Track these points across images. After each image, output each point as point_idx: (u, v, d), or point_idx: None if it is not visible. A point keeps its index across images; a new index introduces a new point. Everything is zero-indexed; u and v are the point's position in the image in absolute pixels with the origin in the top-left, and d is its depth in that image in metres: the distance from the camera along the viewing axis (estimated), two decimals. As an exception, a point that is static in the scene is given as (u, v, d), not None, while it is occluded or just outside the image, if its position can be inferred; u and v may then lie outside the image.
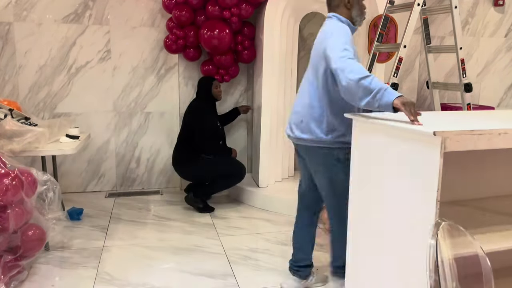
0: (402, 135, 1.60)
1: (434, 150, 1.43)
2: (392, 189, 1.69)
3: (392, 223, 1.71)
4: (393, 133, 1.66)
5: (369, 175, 1.83)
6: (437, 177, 1.42)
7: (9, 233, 2.37)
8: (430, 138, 1.44)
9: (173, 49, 3.91)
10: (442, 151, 1.41)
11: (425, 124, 1.57)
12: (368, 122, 1.81)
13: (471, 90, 3.24)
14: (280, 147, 4.10)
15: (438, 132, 1.40)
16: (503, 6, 4.84)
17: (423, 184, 1.50)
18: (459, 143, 1.43)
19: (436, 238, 1.29)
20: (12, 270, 2.39)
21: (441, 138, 1.40)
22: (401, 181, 1.63)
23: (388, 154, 1.69)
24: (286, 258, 2.88)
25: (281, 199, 3.76)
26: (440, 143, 1.40)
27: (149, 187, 4.34)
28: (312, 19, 4.28)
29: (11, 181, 2.30)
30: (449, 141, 1.41)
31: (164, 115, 4.25)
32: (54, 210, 2.61)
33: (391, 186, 1.69)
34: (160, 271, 2.69)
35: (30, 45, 3.87)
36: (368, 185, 1.85)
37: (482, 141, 1.47)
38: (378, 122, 1.73)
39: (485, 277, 1.25)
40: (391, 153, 1.67)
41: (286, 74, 3.99)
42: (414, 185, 1.55)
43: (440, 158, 1.41)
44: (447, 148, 1.41)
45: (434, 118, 1.86)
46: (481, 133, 1.46)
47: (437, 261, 1.27)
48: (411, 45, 4.49)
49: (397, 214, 1.67)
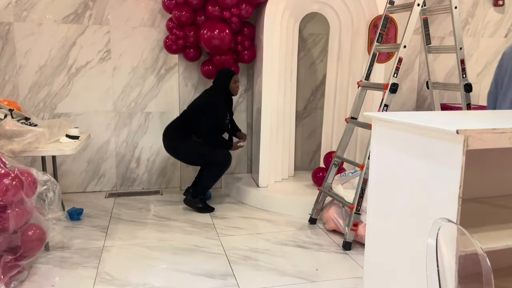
0: (425, 133, 1.64)
1: (456, 148, 1.47)
2: (413, 186, 1.72)
3: (411, 219, 1.74)
4: (415, 131, 1.70)
5: (389, 170, 1.87)
6: (460, 174, 1.46)
7: (9, 233, 2.38)
8: (453, 136, 1.47)
9: (173, 49, 3.91)
10: (465, 149, 1.45)
11: (447, 122, 1.61)
12: (389, 120, 1.85)
13: (471, 90, 3.24)
14: (280, 147, 4.10)
15: (461, 130, 1.44)
16: (503, 6, 4.84)
17: (445, 181, 1.54)
18: (481, 141, 1.47)
19: (436, 238, 1.29)
20: (12, 270, 2.39)
21: (464, 136, 1.44)
22: (422, 177, 1.66)
23: (410, 151, 1.73)
24: (286, 258, 2.88)
25: (281, 199, 3.76)
26: (462, 141, 1.44)
27: (149, 187, 4.35)
28: (312, 19, 4.28)
29: (11, 181, 2.30)
30: (472, 139, 1.45)
31: (164, 115, 4.25)
32: (54, 210, 2.61)
33: (412, 182, 1.73)
34: (160, 271, 2.69)
35: (30, 45, 3.87)
36: (387, 180, 1.88)
37: (504, 140, 1.51)
38: (400, 121, 1.78)
39: (485, 277, 1.25)
40: (413, 151, 1.71)
41: (286, 74, 4.00)
42: (436, 182, 1.59)
43: (462, 155, 1.45)
44: (469, 146, 1.45)
45: (454, 117, 1.89)
46: (503, 132, 1.50)
47: (437, 261, 1.27)
48: (411, 45, 4.49)
49: (418, 210, 1.70)
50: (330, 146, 4.15)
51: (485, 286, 1.24)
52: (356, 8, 3.80)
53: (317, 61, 4.45)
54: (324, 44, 4.37)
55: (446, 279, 1.34)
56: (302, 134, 4.56)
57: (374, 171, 1.96)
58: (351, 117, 3.34)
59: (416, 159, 1.69)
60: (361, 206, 3.01)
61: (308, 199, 3.61)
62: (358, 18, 3.80)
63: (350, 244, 3.03)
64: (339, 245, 3.10)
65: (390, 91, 3.00)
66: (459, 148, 1.46)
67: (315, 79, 4.48)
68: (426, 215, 1.64)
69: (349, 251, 3.01)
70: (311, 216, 3.49)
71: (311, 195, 3.66)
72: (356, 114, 3.33)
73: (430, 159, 1.62)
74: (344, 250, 3.02)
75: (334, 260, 2.89)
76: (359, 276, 2.66)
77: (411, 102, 4.69)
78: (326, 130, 4.19)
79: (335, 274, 2.69)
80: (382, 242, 1.96)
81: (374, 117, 1.94)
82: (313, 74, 4.47)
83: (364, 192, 2.99)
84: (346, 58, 3.94)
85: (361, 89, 3.31)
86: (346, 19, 3.88)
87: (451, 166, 1.50)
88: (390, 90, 2.99)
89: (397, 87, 3.01)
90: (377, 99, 3.68)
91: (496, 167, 2.08)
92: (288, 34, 3.92)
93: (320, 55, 4.43)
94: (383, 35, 3.32)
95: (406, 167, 1.75)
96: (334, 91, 4.07)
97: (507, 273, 2.04)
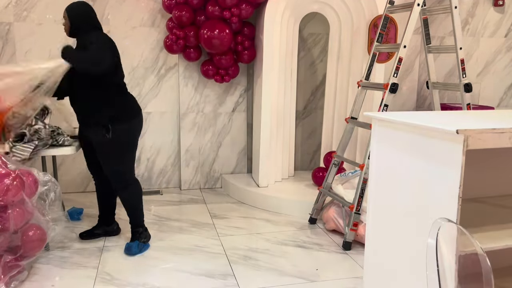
0: (425, 133, 1.65)
1: (456, 148, 1.48)
2: (413, 186, 1.73)
3: (411, 219, 1.75)
4: (415, 131, 1.71)
5: (389, 170, 1.87)
6: (460, 174, 1.47)
7: (9, 233, 2.38)
8: (453, 136, 1.48)
9: (173, 49, 3.91)
10: (465, 148, 1.46)
11: (447, 122, 1.62)
12: (389, 120, 1.86)
13: (471, 90, 3.24)
14: (280, 147, 4.10)
15: (461, 130, 1.44)
16: (503, 6, 4.84)
17: (445, 181, 1.55)
18: (481, 141, 1.48)
19: (436, 238, 1.29)
20: (12, 270, 2.40)
21: (463, 136, 1.45)
22: (422, 177, 1.67)
23: (410, 151, 1.75)
24: (286, 258, 2.89)
25: (281, 199, 3.76)
26: (462, 141, 1.45)
27: (149, 187, 4.34)
28: (312, 19, 4.28)
29: (11, 181, 2.30)
30: (472, 139, 1.46)
31: (164, 115, 4.25)
32: (54, 210, 2.62)
33: (412, 182, 1.74)
34: (160, 271, 2.69)
35: (30, 45, 3.87)
36: (388, 180, 1.89)
37: (504, 140, 1.52)
38: (400, 121, 1.78)
39: (485, 277, 1.25)
40: (413, 150, 1.72)
41: (286, 74, 4.00)
42: (436, 182, 1.60)
43: (462, 155, 1.46)
44: (469, 146, 1.46)
45: (454, 117, 1.90)
46: (503, 132, 1.51)
47: (437, 261, 1.28)
48: (411, 45, 4.49)
49: (418, 210, 1.71)
50: (330, 146, 4.15)
51: (485, 286, 1.25)
52: (356, 8, 3.80)
53: (317, 61, 4.45)
54: (324, 44, 4.37)
55: (446, 279, 1.34)
56: (302, 134, 4.56)
57: (374, 171, 1.97)
58: (351, 117, 3.34)
59: (416, 159, 1.70)
60: (361, 206, 3.01)
61: (308, 199, 3.61)
62: (358, 18, 3.80)
63: (350, 244, 3.04)
64: (339, 245, 3.10)
65: (390, 91, 3.00)
66: (459, 148, 1.47)
67: (315, 79, 4.48)
68: (426, 215, 1.64)
69: (349, 251, 3.01)
70: (311, 216, 3.49)
71: (311, 195, 3.66)
72: (356, 114, 3.33)
73: (430, 159, 1.62)
74: (344, 250, 3.02)
75: (334, 260, 2.89)
76: (359, 276, 2.66)
77: (411, 102, 4.69)
78: (326, 130, 4.19)
79: (335, 274, 2.69)
80: (382, 242, 1.97)
81: (374, 117, 1.94)
82: (313, 74, 4.47)
83: (364, 192, 3.00)
84: (346, 58, 3.94)
85: (361, 89, 3.31)
86: (346, 19, 3.88)
87: (451, 166, 1.50)
88: (390, 90, 3.00)
89: (397, 87, 3.02)
90: (377, 99, 3.68)
91: (496, 167, 2.09)
92: (288, 34, 3.92)
93: (320, 55, 4.43)
94: (383, 35, 3.32)
95: (406, 167, 1.76)
96: (334, 91, 4.07)
97: (507, 273, 2.04)
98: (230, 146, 4.39)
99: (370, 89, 3.33)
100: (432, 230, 1.34)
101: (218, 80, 4.01)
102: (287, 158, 4.23)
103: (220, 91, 4.25)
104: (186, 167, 4.29)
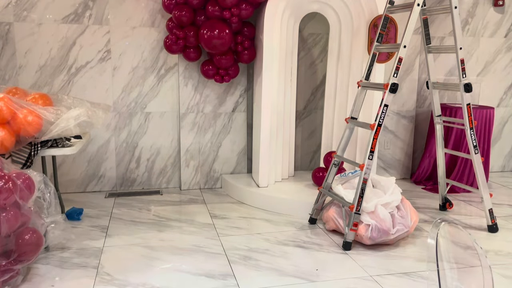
0: None
1: None
2: None
3: None
4: None
5: None
6: None
7: (1, 237, 2.33)
8: None
9: (173, 50, 3.91)
10: None
11: None
12: None
13: (471, 90, 3.25)
14: (280, 147, 4.10)
15: None
16: (503, 6, 4.85)
17: None
18: None
19: (436, 238, 1.30)
20: (5, 274, 2.35)
21: None
22: None
23: None
24: (286, 258, 2.89)
25: (281, 199, 3.76)
26: None
27: (149, 187, 4.35)
28: (312, 19, 4.28)
29: (3, 184, 2.27)
30: None
31: (164, 115, 4.25)
32: (52, 213, 2.60)
33: None
34: (160, 271, 2.69)
35: (30, 45, 3.87)
36: None
37: None
38: None
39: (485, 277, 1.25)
40: None
41: (286, 74, 4.00)
42: None
43: None
44: None
45: None
46: None
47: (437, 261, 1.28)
48: (411, 45, 4.50)
49: None
50: (330, 146, 4.15)
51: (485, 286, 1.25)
52: (356, 8, 3.80)
53: (317, 61, 4.45)
54: (324, 44, 4.37)
55: (446, 279, 1.34)
56: (302, 134, 4.56)
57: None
58: (351, 117, 3.34)
59: None
60: (361, 206, 3.01)
61: (308, 199, 3.61)
62: (358, 18, 3.80)
63: (350, 244, 3.04)
64: (339, 245, 3.10)
65: (390, 91, 3.00)
66: None
67: (315, 79, 4.48)
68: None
69: (349, 251, 3.01)
70: (311, 216, 3.49)
71: (311, 195, 3.66)
72: (356, 114, 3.33)
73: None
74: (344, 250, 3.02)
75: (334, 260, 2.89)
76: (359, 276, 2.66)
77: (411, 102, 4.69)
78: (326, 130, 4.19)
79: (335, 274, 2.69)
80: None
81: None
82: (313, 74, 4.47)
83: (364, 192, 3.00)
84: (346, 58, 3.94)
85: (361, 89, 3.31)
86: (346, 19, 3.88)
87: None
88: (390, 90, 3.00)
89: (397, 87, 3.02)
90: (377, 99, 3.68)
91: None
92: (288, 34, 3.92)
93: (320, 55, 4.43)
94: (383, 35, 3.32)
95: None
96: (334, 91, 4.07)
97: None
98: (230, 146, 4.39)
99: (370, 89, 3.33)
100: (432, 230, 1.34)
101: (218, 80, 4.01)
102: (287, 158, 4.23)
103: (220, 91, 4.25)
104: (186, 167, 4.30)
